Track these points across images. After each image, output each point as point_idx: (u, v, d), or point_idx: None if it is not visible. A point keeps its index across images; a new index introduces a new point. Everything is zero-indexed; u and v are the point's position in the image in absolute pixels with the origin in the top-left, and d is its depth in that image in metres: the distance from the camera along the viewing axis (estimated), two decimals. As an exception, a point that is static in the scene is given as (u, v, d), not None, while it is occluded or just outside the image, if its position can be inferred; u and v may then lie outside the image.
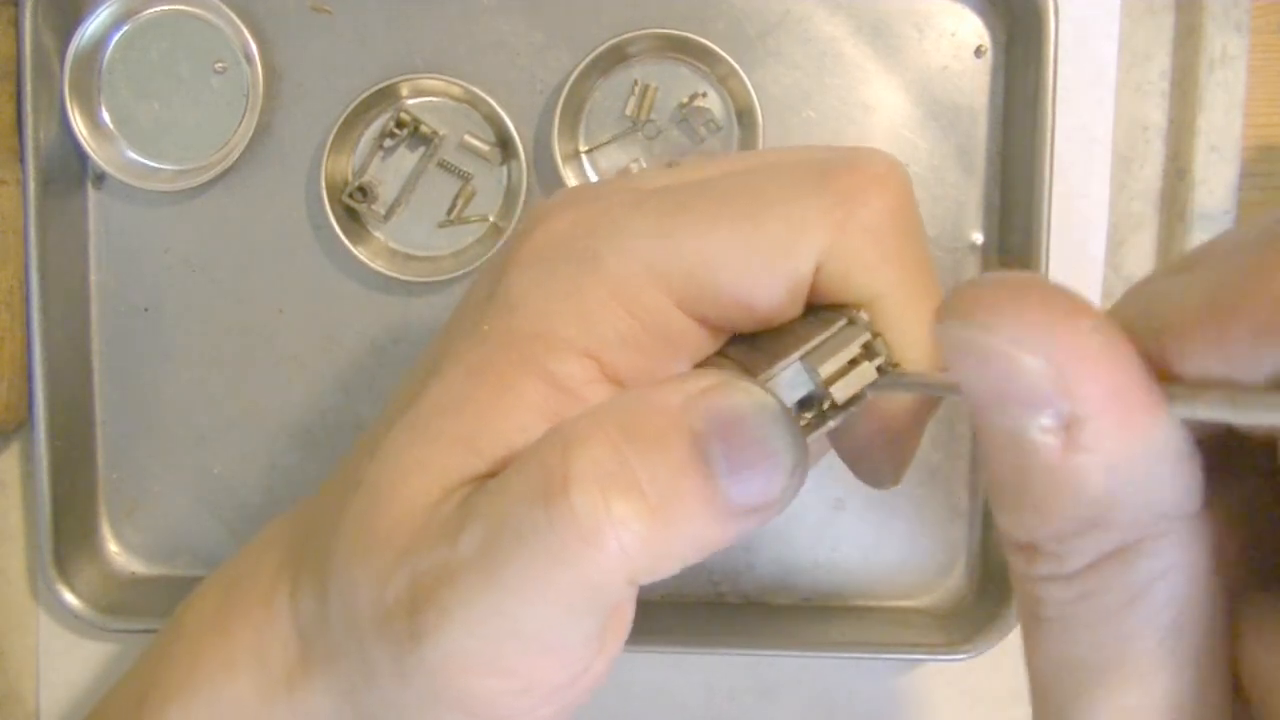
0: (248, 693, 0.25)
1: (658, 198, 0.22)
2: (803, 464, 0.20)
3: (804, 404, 0.22)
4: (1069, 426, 0.15)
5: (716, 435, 0.20)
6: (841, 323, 0.22)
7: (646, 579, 0.20)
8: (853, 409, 0.22)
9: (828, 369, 0.21)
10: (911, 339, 0.22)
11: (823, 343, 0.22)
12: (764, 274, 0.21)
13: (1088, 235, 0.46)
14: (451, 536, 0.20)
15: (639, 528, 0.19)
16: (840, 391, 0.21)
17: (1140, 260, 0.46)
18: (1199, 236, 0.44)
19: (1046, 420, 0.15)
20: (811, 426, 0.22)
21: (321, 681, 0.23)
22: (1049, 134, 0.42)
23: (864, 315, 0.22)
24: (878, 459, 0.23)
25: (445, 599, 0.20)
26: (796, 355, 0.21)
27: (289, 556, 0.26)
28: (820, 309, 0.23)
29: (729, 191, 0.22)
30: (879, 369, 0.22)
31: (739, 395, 0.20)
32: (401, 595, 0.20)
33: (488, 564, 0.20)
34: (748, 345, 0.23)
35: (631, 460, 0.19)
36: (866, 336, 0.22)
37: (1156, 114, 0.46)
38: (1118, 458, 0.15)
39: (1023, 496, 0.16)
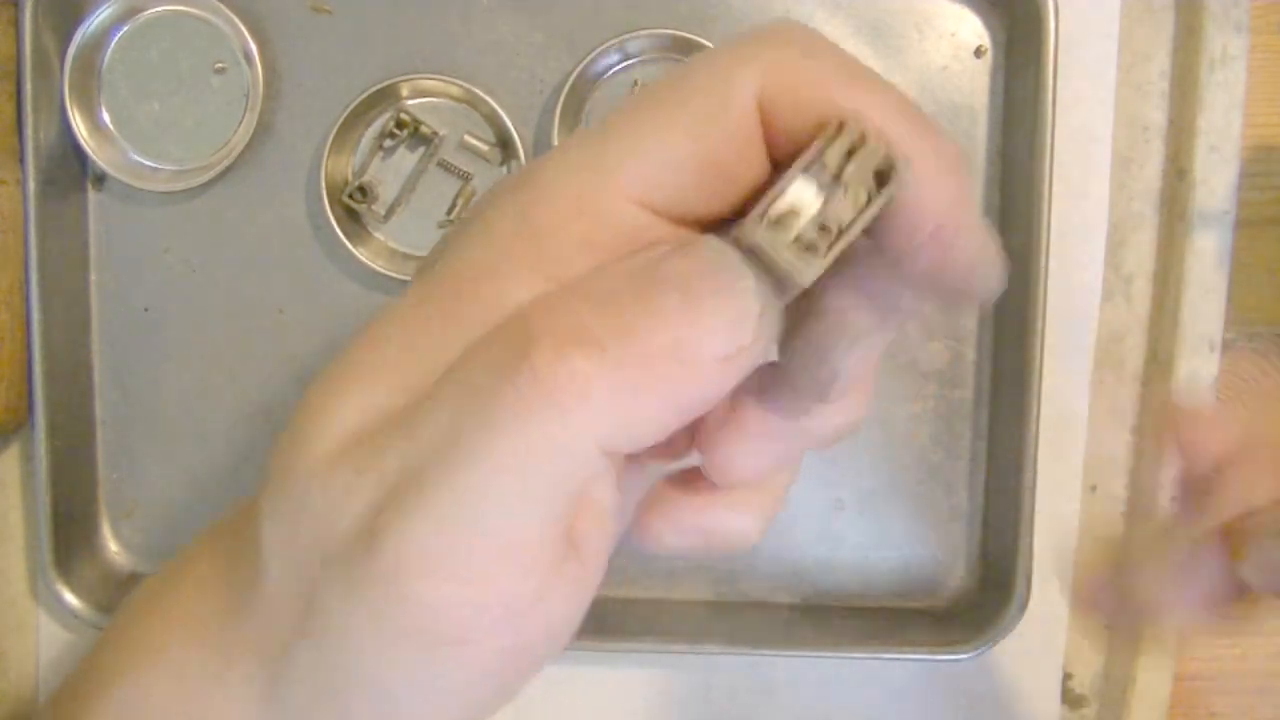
0: (174, 682, 0.24)
1: (582, 132, 0.22)
2: (773, 305, 0.20)
3: (815, 238, 0.20)
4: None
5: (674, 285, 0.19)
6: (818, 142, 0.20)
7: (622, 444, 0.20)
8: (868, 216, 0.20)
9: (813, 189, 0.20)
10: (914, 155, 0.20)
11: (807, 163, 0.20)
12: (704, 130, 0.20)
13: (1088, 235, 0.46)
14: (410, 428, 0.20)
15: (600, 382, 0.19)
16: (839, 207, 0.20)
17: (1140, 260, 0.46)
18: (1199, 236, 0.44)
19: None
20: (821, 250, 0.20)
21: (252, 651, 0.22)
22: (1049, 134, 0.42)
23: (844, 123, 0.20)
24: (948, 264, 0.21)
25: (404, 493, 0.19)
26: (778, 186, 0.20)
27: (223, 527, 0.25)
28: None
29: (648, 91, 0.21)
30: (879, 171, 0.20)
31: (697, 247, 0.20)
32: (354, 504, 0.20)
33: (450, 449, 0.19)
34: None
35: (587, 318, 0.19)
36: (850, 141, 0.20)
37: (1156, 114, 0.46)
38: None
39: None
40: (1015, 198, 0.44)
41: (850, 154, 0.20)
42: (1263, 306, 0.47)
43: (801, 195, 0.20)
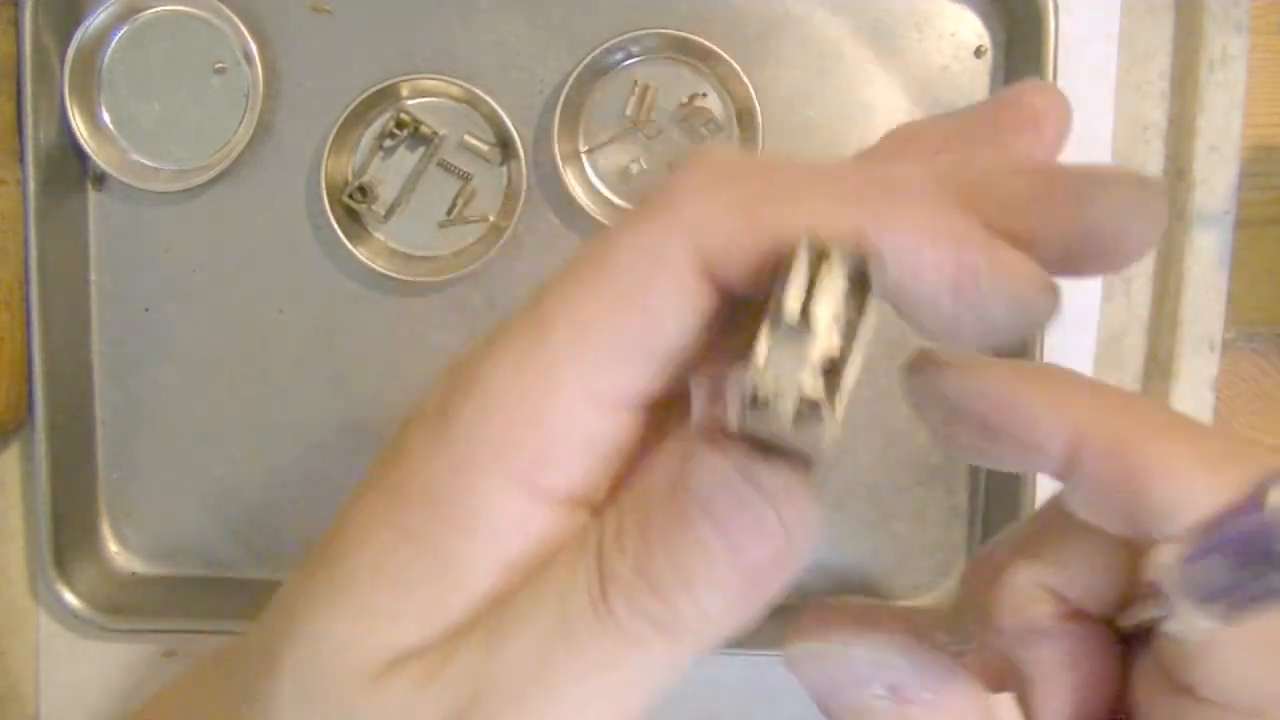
0: None
1: (513, 325, 0.21)
2: (797, 497, 0.20)
3: (816, 394, 0.18)
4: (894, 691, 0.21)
5: (702, 513, 0.20)
6: (773, 293, 0.17)
7: (697, 655, 0.21)
8: (863, 337, 0.18)
9: (787, 348, 0.17)
10: (884, 237, 0.18)
11: (770, 323, 0.17)
12: (644, 315, 0.19)
13: (1088, 235, 0.46)
14: (487, 649, 0.20)
15: (674, 623, 0.20)
16: (825, 346, 0.17)
17: (1140, 260, 0.46)
18: (1199, 236, 0.45)
19: (878, 689, 0.22)
20: (827, 404, 0.17)
21: None
22: (1049, 134, 0.42)
23: (791, 256, 0.17)
24: (988, 309, 0.19)
25: (493, 708, 0.20)
26: (743, 372, 0.17)
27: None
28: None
29: (574, 272, 0.20)
30: (854, 274, 0.17)
31: (704, 469, 0.20)
32: (422, 715, 0.20)
33: (543, 671, 0.20)
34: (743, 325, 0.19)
35: (646, 562, 0.20)
36: (802, 277, 0.17)
37: (1156, 114, 0.46)
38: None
39: None
40: (1015, 198, 0.44)
41: (812, 283, 0.17)
42: (1263, 306, 0.47)
43: (777, 363, 0.17)
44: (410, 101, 0.45)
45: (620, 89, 0.44)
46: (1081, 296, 0.46)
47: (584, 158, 0.45)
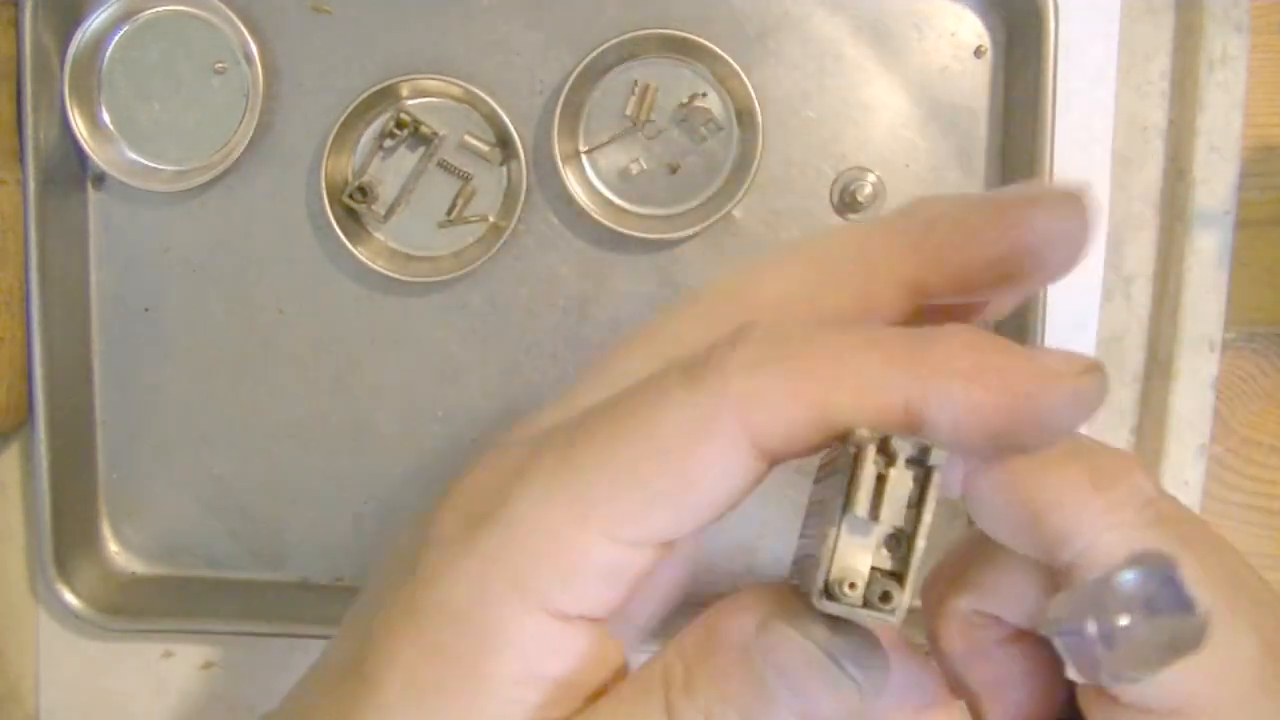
0: None
1: (546, 457, 0.21)
2: (870, 661, 0.20)
3: (888, 543, 0.20)
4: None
5: (784, 685, 0.20)
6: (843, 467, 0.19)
7: None
8: (926, 521, 0.20)
9: (856, 539, 0.19)
10: (936, 406, 0.20)
11: (847, 522, 0.19)
12: (690, 480, 0.20)
13: (1088, 235, 0.46)
14: None
15: None
16: (892, 518, 0.20)
17: (1140, 260, 0.46)
18: (1199, 236, 0.45)
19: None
20: (898, 588, 0.20)
21: None
22: (1049, 134, 0.42)
23: (861, 432, 0.19)
24: (1041, 427, 0.20)
25: None
26: (820, 566, 0.19)
27: None
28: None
29: (615, 415, 0.21)
30: (916, 462, 0.20)
31: (786, 645, 0.20)
32: None
33: None
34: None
35: (718, 714, 0.21)
36: (871, 474, 0.19)
37: (1156, 114, 0.46)
38: None
39: None
40: (1015, 198, 0.44)
41: (880, 479, 0.19)
42: (1263, 306, 0.47)
43: (847, 554, 0.20)
44: (410, 101, 0.45)
45: (620, 89, 0.44)
46: (1081, 296, 0.46)
47: (584, 158, 0.45)
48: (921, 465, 0.20)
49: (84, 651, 0.48)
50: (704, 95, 0.44)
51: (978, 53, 0.45)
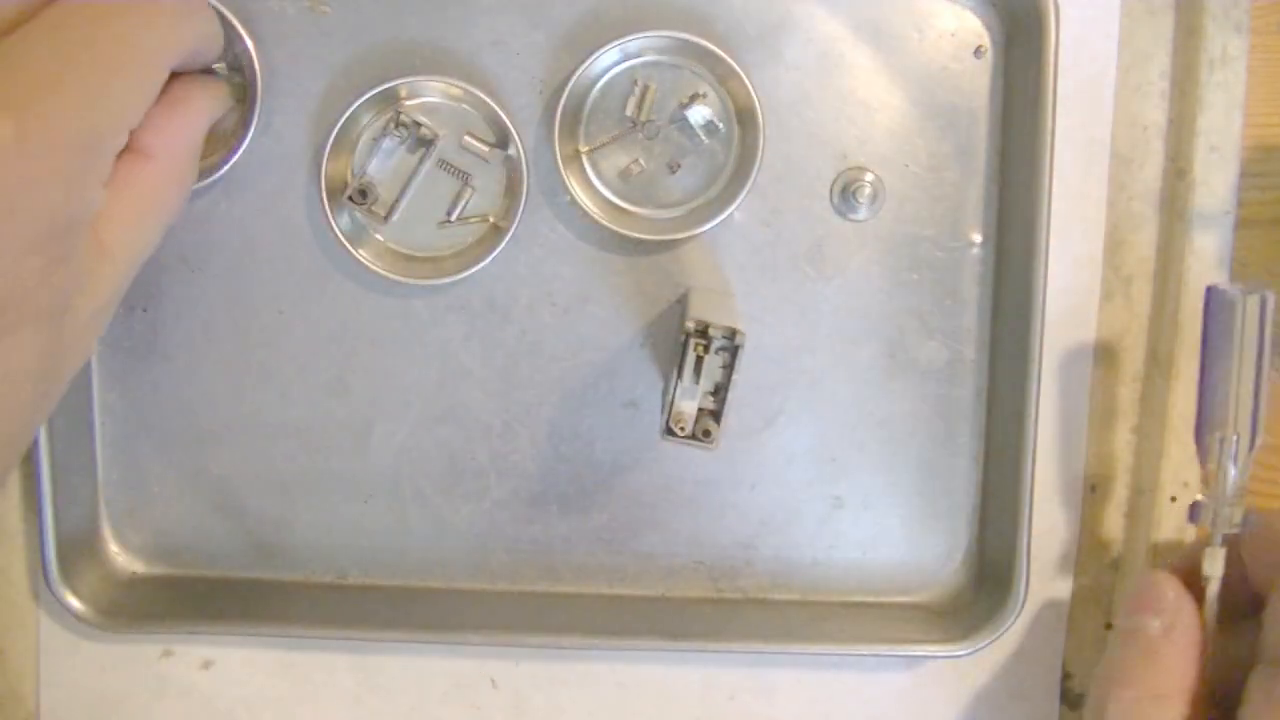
0: None
1: None
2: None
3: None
4: None
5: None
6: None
7: None
8: (734, 379, 0.35)
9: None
10: None
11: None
12: None
13: (1088, 235, 0.46)
14: None
15: None
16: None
17: (1140, 260, 0.46)
18: (1199, 236, 0.45)
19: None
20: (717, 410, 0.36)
21: None
22: (1049, 134, 0.42)
23: (688, 325, 0.36)
24: None
25: None
26: None
27: None
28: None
29: None
30: (727, 344, 0.36)
31: None
32: None
33: None
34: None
35: None
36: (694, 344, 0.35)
37: (1156, 114, 0.46)
38: None
39: None
40: (1015, 198, 0.44)
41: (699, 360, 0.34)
42: (1262, 306, 0.47)
43: (680, 406, 0.35)
44: (410, 102, 0.45)
45: (620, 89, 0.44)
46: (1081, 296, 0.46)
47: (584, 158, 0.45)
48: (731, 344, 0.34)
49: (84, 651, 0.48)
50: (704, 95, 0.44)
51: (978, 53, 0.45)
